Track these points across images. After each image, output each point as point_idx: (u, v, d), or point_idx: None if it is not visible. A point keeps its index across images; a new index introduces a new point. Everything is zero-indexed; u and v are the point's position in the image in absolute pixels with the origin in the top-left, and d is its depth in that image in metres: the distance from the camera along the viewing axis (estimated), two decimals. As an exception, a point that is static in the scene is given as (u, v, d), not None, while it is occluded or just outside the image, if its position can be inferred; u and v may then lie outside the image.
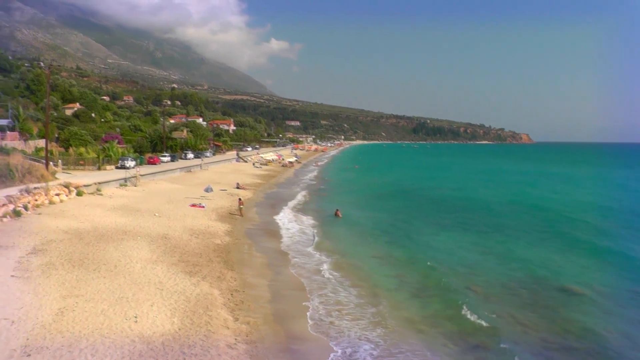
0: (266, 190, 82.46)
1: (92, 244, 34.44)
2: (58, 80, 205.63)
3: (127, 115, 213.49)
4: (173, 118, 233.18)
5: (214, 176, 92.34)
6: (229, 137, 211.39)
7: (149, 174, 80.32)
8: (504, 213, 66.09)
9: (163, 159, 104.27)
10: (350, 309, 27.39)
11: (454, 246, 44.45)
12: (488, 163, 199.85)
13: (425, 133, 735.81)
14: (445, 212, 65.61)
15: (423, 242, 45.69)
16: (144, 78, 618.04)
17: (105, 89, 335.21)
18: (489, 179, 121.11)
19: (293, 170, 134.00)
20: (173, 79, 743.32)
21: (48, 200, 48.25)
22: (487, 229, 54.20)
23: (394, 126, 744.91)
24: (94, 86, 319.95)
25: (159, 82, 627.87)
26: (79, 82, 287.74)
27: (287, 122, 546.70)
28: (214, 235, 42.01)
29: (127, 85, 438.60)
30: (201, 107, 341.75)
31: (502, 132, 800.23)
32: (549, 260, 40.22)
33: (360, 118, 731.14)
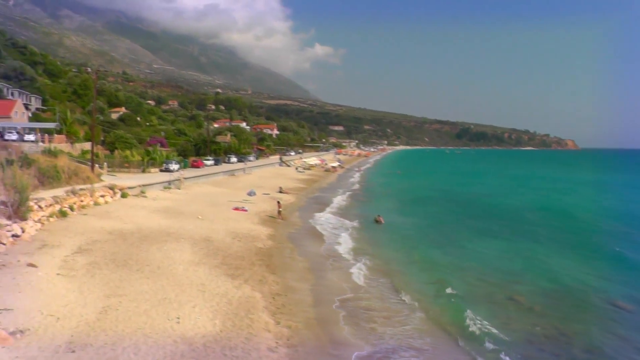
0: (309, 195, 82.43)
1: (135, 245, 34.77)
2: (104, 85, 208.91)
3: (171, 119, 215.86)
4: (217, 122, 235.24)
5: (257, 180, 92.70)
6: (272, 142, 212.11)
7: (192, 177, 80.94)
8: (545, 221, 64.86)
9: (207, 162, 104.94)
10: (391, 315, 27.12)
11: (496, 254, 43.72)
12: (531, 170, 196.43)
13: (468, 138, 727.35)
14: (487, 219, 64.76)
15: (464, 249, 45.11)
16: (188, 83, 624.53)
17: (151, 94, 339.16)
18: (531, 185, 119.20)
19: (336, 175, 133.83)
20: (217, 83, 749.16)
21: (93, 201, 48.94)
22: (526, 236, 53.22)
23: (437, 131, 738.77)
24: (139, 91, 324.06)
25: (204, 87, 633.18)
26: (125, 86, 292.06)
27: (330, 127, 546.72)
28: (256, 239, 42.06)
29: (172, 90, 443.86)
30: (245, 112, 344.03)
31: (547, 138, 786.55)
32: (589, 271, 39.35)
33: (404, 123, 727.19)
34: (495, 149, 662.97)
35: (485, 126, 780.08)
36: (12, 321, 19.63)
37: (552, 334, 26.13)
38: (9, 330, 18.50)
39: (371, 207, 70.58)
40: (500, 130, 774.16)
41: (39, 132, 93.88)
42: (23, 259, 28.05)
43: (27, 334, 18.85)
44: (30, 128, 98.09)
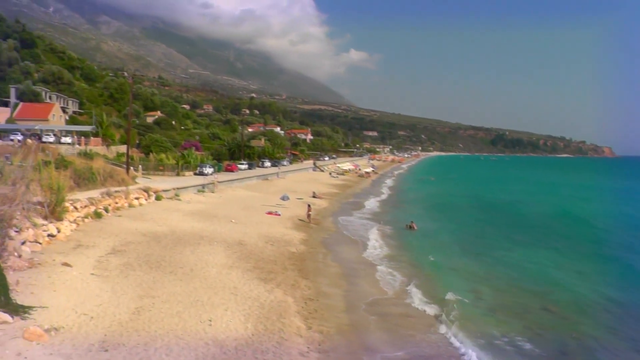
0: (342, 200, 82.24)
1: (169, 247, 34.93)
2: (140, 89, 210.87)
3: (206, 123, 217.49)
4: (251, 127, 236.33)
5: (290, 185, 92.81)
6: (306, 147, 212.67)
7: (226, 181, 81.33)
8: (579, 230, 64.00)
9: (241, 166, 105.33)
10: (422, 322, 26.83)
11: (530, 262, 43.07)
12: (566, 178, 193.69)
13: (503, 145, 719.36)
14: (521, 227, 64.12)
15: (499, 257, 44.50)
16: (223, 87, 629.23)
17: (186, 98, 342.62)
18: (566, 193, 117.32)
19: (370, 180, 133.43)
20: (252, 88, 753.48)
21: (128, 203, 49.35)
22: (560, 245, 52.41)
23: (472, 138, 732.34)
24: (175, 95, 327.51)
25: (238, 92, 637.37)
26: (160, 91, 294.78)
27: (364, 133, 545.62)
28: (289, 243, 42.00)
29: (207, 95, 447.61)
30: (279, 117, 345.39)
31: (583, 145, 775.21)
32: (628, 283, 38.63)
33: (438, 129, 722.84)
34: (530, 156, 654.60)
35: (520, 132, 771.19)
36: (47, 319, 19.77)
37: (588, 345, 25.62)
38: (44, 328, 18.64)
39: (404, 213, 70.16)
40: (536, 137, 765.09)
41: (76, 135, 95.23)
42: (58, 258, 28.31)
43: (61, 331, 18.97)
44: (67, 131, 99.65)
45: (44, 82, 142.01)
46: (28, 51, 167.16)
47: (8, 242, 25.39)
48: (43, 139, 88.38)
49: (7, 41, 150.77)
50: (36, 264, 26.71)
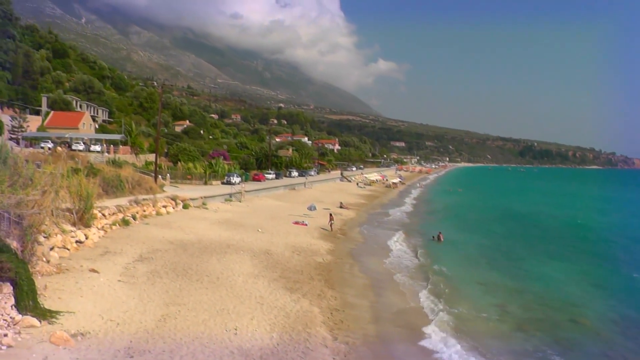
0: (369, 211, 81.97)
1: (196, 255, 34.96)
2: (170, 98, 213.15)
3: (234, 132, 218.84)
4: (279, 137, 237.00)
5: (317, 195, 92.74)
6: (333, 157, 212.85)
7: (253, 190, 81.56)
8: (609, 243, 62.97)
9: (268, 176, 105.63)
10: (451, 336, 26.48)
11: (559, 275, 42.44)
12: (595, 190, 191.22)
13: (532, 156, 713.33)
14: (550, 239, 63.34)
15: (528, 270, 43.94)
16: (252, 97, 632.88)
17: (214, 108, 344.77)
18: (594, 206, 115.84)
19: (397, 191, 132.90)
20: (280, 98, 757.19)
21: (155, 211, 49.66)
22: (589, 258, 51.74)
23: (500, 149, 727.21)
24: (203, 105, 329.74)
25: (267, 102, 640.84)
26: (189, 100, 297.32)
27: (391, 143, 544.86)
28: (316, 253, 41.84)
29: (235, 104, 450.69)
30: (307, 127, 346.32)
31: (613, 156, 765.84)
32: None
33: (466, 140, 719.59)
34: (559, 167, 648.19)
35: (549, 144, 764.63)
36: (74, 324, 19.84)
37: (620, 359, 25.15)
38: (70, 332, 18.71)
39: (432, 224, 69.67)
40: (565, 148, 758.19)
41: (105, 143, 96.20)
42: (86, 264, 28.48)
43: (87, 337, 19.02)
44: (96, 139, 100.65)
45: (75, 91, 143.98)
46: (60, 61, 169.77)
47: (37, 247, 25.60)
48: (73, 147, 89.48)
49: (39, 51, 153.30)
50: (64, 269, 26.90)
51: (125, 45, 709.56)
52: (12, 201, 23.03)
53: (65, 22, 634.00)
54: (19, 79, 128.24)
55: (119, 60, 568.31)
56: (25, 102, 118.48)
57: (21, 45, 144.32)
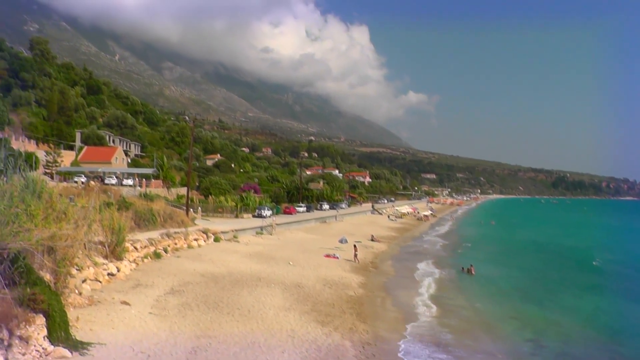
0: (401, 244, 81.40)
1: (227, 288, 34.88)
2: (201, 132, 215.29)
3: (265, 166, 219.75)
4: (310, 169, 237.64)
5: (348, 227, 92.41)
6: (364, 189, 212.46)
7: (284, 223, 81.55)
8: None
9: (299, 209, 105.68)
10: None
11: (596, 310, 41.54)
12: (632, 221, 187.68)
13: (564, 187, 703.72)
14: (584, 272, 62.24)
15: (562, 303, 43.09)
16: (282, 130, 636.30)
17: (245, 141, 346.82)
18: (631, 239, 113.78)
19: (428, 224, 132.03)
20: (311, 131, 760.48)
21: (187, 244, 49.86)
22: (626, 293, 50.58)
23: (532, 180, 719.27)
24: (234, 138, 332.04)
25: (297, 135, 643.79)
26: (220, 134, 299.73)
27: (422, 175, 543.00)
28: (347, 287, 41.49)
29: (266, 138, 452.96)
30: (337, 159, 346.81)
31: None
32: None
33: (497, 171, 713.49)
34: (592, 198, 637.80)
35: (582, 174, 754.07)
36: (105, 355, 19.84)
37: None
38: (101, 366, 18.66)
39: (464, 257, 68.86)
40: (598, 179, 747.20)
41: (137, 177, 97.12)
42: (117, 296, 28.59)
43: (118, 370, 18.96)
44: (128, 173, 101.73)
45: (108, 126, 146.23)
46: (94, 97, 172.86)
47: (69, 279, 25.75)
48: (106, 181, 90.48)
49: (74, 88, 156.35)
50: (96, 301, 27.04)
51: (157, 80, 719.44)
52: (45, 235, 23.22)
53: (100, 59, 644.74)
54: (54, 115, 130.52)
55: (152, 95, 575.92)
56: (60, 137, 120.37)
57: (57, 82, 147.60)
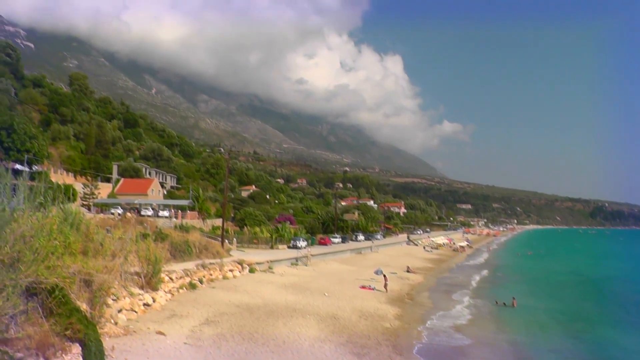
0: (437, 275, 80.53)
1: (262, 319, 34.75)
2: (236, 164, 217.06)
3: (300, 197, 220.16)
4: (344, 200, 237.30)
5: (384, 258, 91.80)
6: (399, 220, 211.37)
7: (319, 254, 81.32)
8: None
9: (334, 240, 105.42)
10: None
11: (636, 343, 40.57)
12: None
13: (603, 217, 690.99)
14: (625, 305, 60.81)
15: (603, 337, 42.10)
16: (317, 161, 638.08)
17: (280, 172, 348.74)
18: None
19: (465, 255, 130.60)
20: (345, 162, 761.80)
21: (222, 275, 49.95)
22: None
23: (569, 210, 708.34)
24: (269, 169, 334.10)
25: (332, 165, 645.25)
26: (255, 165, 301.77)
27: (458, 205, 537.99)
28: (383, 318, 41.07)
29: (300, 169, 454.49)
30: (372, 190, 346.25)
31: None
32: None
33: (534, 201, 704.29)
34: (633, 229, 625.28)
35: (620, 204, 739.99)
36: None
37: None
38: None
39: (502, 289, 67.78)
40: (637, 209, 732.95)
41: (173, 209, 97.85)
42: (153, 326, 28.64)
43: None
44: (164, 205, 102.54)
45: (144, 158, 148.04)
46: (131, 130, 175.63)
47: (105, 309, 25.91)
48: (142, 212, 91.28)
49: (112, 122, 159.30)
50: (131, 331, 27.09)
51: (193, 113, 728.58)
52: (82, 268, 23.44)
53: (137, 93, 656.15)
54: (92, 148, 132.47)
55: (187, 128, 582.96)
56: (97, 170, 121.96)
57: (95, 116, 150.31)
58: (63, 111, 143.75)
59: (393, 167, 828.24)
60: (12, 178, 20.56)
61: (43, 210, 23.65)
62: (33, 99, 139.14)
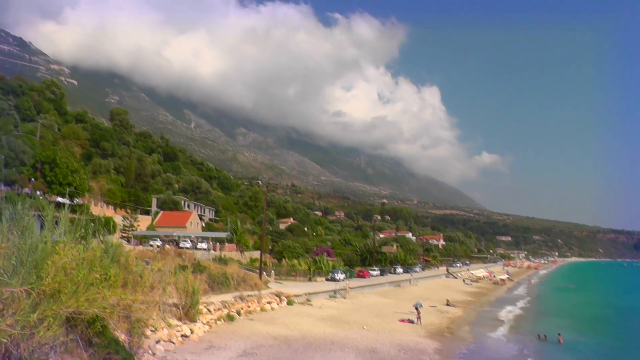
0: (478, 309, 79.29)
1: (299, 352, 34.51)
2: (274, 196, 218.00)
3: (338, 229, 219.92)
4: (383, 232, 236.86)
5: (423, 292, 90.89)
6: (438, 252, 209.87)
7: (358, 287, 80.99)
8: None
9: (372, 272, 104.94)
10: None
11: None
12: None
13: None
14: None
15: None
16: (355, 194, 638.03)
17: (318, 205, 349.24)
18: None
19: (505, 288, 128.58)
20: (383, 194, 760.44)
21: (260, 307, 49.93)
22: None
23: (613, 242, 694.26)
24: (307, 202, 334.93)
25: (370, 198, 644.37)
26: (293, 198, 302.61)
27: (497, 237, 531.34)
28: (423, 352, 40.43)
29: (338, 201, 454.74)
30: (410, 222, 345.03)
31: None
32: None
33: (575, 233, 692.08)
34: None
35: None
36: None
37: None
38: None
39: (545, 323, 66.38)
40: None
41: (211, 241, 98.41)
42: (190, 358, 28.74)
43: None
44: (203, 237, 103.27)
45: (183, 191, 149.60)
46: (170, 164, 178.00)
47: (144, 340, 25.93)
48: (180, 244, 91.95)
49: (151, 155, 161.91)
50: (167, 363, 27.06)
51: (231, 146, 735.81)
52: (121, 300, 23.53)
53: (176, 127, 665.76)
54: (131, 181, 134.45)
55: (225, 161, 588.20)
56: (137, 203, 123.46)
57: (135, 150, 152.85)
58: (104, 145, 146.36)
59: (431, 198, 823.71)
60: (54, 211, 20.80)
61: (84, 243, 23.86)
62: (75, 134, 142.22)
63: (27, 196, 72.43)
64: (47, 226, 20.21)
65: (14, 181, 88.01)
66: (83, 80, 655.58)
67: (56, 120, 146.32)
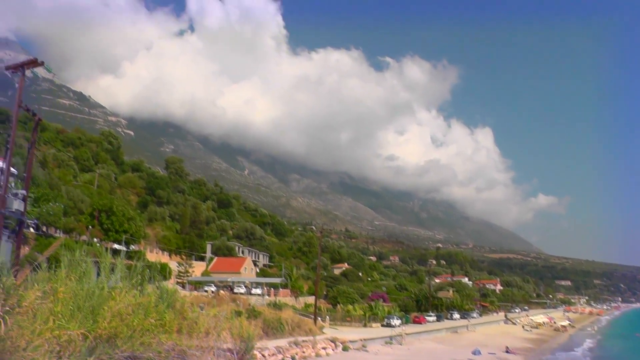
0: (539, 356, 77.11)
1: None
2: (328, 242, 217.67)
3: (392, 274, 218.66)
4: (438, 277, 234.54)
5: (481, 338, 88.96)
6: (495, 298, 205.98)
7: (414, 332, 79.93)
8: None
9: (429, 318, 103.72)
10: None
11: None
12: None
13: None
14: None
15: None
16: (409, 238, 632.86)
17: (372, 250, 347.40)
18: None
19: (567, 335, 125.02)
20: (437, 238, 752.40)
21: (315, 352, 49.50)
22: None
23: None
24: (361, 247, 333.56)
25: (424, 242, 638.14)
26: (347, 243, 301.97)
27: (556, 282, 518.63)
28: (483, 399, 39.34)
29: (393, 246, 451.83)
30: (466, 266, 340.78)
31: None
32: None
33: (639, 277, 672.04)
34: None
35: None
36: None
37: None
38: None
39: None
40: None
41: (266, 287, 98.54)
42: (246, 405, 28.19)
43: None
44: (257, 283, 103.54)
45: (237, 237, 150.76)
46: (224, 210, 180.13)
47: (198, 386, 25.68)
48: (235, 290, 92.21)
49: (206, 202, 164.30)
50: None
51: (284, 192, 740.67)
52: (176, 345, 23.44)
53: (230, 175, 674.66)
54: (186, 228, 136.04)
55: (279, 207, 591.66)
56: (192, 249, 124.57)
57: (189, 198, 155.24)
58: (159, 193, 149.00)
59: (487, 242, 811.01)
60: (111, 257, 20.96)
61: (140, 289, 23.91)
62: (131, 182, 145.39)
63: (85, 243, 73.65)
64: (103, 272, 20.36)
65: (72, 229, 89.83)
66: (139, 130, 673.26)
67: (113, 170, 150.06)
